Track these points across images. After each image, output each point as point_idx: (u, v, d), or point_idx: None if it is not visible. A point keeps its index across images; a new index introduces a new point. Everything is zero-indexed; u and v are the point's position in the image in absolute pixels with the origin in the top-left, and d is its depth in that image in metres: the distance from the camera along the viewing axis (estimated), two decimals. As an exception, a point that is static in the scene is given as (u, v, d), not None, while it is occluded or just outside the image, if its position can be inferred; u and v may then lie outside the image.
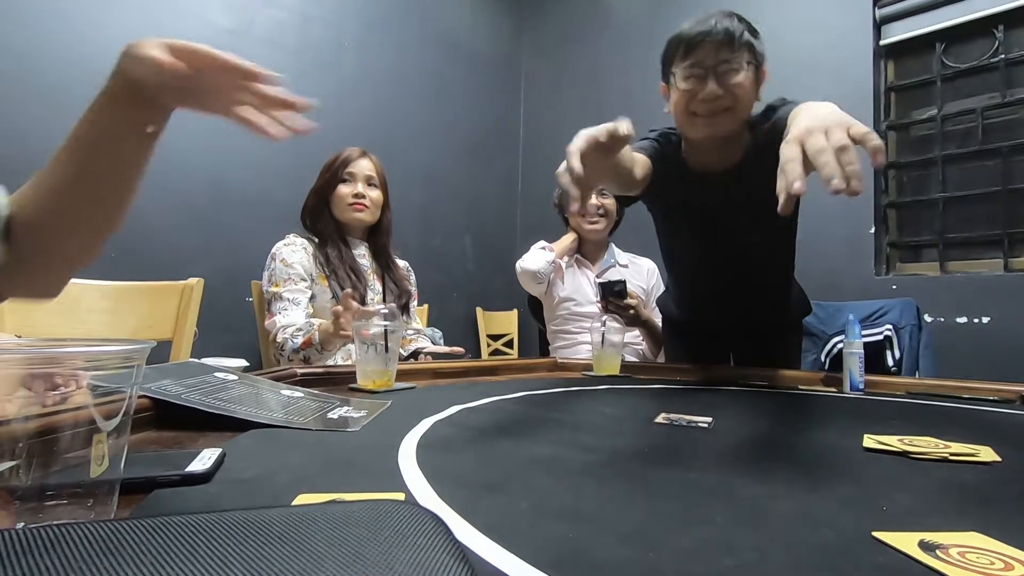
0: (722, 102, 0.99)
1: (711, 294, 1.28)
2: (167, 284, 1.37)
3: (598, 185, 0.78)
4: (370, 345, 0.89)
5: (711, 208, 1.12)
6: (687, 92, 1.01)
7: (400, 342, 1.18)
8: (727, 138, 1.05)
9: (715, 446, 0.54)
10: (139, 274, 1.43)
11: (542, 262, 1.73)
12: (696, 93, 1.00)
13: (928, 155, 2.33)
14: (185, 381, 0.64)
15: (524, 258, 1.77)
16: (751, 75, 1.00)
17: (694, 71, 0.99)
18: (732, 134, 1.04)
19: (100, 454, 0.30)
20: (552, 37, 3.47)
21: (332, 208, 1.47)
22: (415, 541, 0.23)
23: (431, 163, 2.97)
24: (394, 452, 0.48)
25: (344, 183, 1.46)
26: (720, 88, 0.98)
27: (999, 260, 2.15)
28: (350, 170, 1.46)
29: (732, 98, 0.99)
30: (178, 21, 2.09)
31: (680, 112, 1.04)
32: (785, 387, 1.02)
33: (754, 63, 1.00)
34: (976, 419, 0.74)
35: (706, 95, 0.98)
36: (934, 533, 0.31)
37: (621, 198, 1.45)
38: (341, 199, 1.45)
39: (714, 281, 1.25)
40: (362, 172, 1.47)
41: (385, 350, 0.89)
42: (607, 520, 0.33)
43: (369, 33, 2.72)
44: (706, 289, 1.29)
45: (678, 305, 1.41)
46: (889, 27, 2.39)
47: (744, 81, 0.98)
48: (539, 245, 1.80)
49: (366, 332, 0.89)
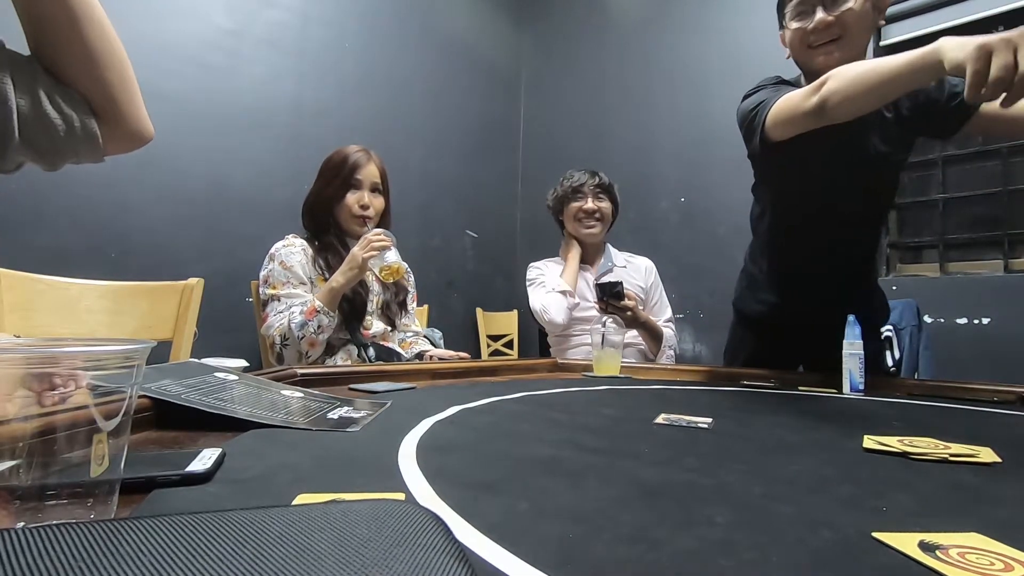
0: (832, 31, 1.02)
1: (803, 267, 1.26)
2: (167, 284, 1.37)
3: None
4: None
5: (847, 150, 1.11)
6: (799, 29, 1.05)
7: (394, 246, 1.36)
8: None
9: (715, 447, 0.54)
10: (139, 274, 1.43)
11: (565, 310, 1.68)
12: (807, 27, 1.04)
13: (928, 156, 2.33)
14: (185, 381, 0.64)
15: (547, 307, 1.69)
16: (862, 2, 1.02)
17: (803, 7, 1.04)
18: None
19: (100, 454, 0.30)
20: (552, 37, 3.47)
21: (336, 214, 1.45)
22: (415, 541, 0.23)
23: (431, 163, 2.97)
24: (394, 452, 0.48)
25: (351, 191, 1.44)
26: (829, 16, 1.01)
27: (999, 261, 2.15)
28: (358, 176, 1.44)
29: (841, 26, 1.01)
30: (178, 21, 2.09)
31: (797, 49, 1.08)
32: (785, 388, 1.02)
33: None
34: (976, 420, 0.74)
35: (816, 24, 1.02)
36: (934, 534, 0.31)
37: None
38: (347, 208, 1.43)
39: (822, 248, 1.22)
40: (368, 179, 1.45)
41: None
42: (607, 520, 0.33)
43: (369, 34, 2.72)
44: (810, 260, 1.25)
45: (766, 287, 1.33)
46: (889, 28, 2.39)
47: (854, 6, 1.00)
48: (554, 286, 1.71)
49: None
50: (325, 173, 1.47)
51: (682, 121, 2.85)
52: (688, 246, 2.75)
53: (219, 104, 2.17)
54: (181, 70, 2.09)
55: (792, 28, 1.06)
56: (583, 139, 3.22)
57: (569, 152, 3.20)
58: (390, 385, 0.92)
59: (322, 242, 1.44)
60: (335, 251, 1.42)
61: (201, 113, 2.12)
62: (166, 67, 2.06)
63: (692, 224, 2.77)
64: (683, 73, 2.86)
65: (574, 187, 1.76)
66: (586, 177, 1.77)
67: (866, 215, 1.20)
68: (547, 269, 1.84)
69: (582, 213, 1.76)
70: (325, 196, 1.45)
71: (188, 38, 2.12)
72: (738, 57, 2.62)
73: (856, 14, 1.01)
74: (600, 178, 1.78)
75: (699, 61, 2.79)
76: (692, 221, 2.78)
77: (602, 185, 1.78)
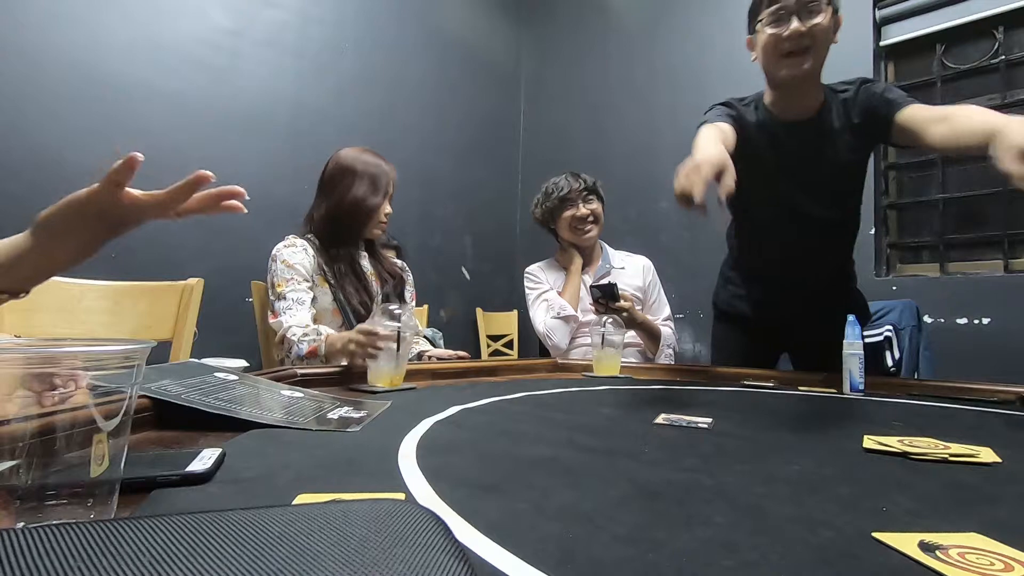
0: (804, 40, 1.08)
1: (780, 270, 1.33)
2: (167, 284, 1.37)
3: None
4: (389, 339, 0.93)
5: (798, 161, 1.20)
6: (774, 35, 1.11)
7: (410, 343, 1.17)
8: (807, 84, 1.14)
9: (715, 447, 0.54)
10: (139, 274, 1.43)
11: (568, 336, 1.69)
12: (782, 33, 1.09)
13: (928, 156, 2.33)
14: (185, 381, 0.64)
15: (551, 332, 1.69)
16: (829, 18, 1.09)
17: (779, 13, 1.10)
18: (812, 78, 1.14)
19: (100, 454, 0.30)
20: (552, 37, 3.47)
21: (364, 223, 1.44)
22: (415, 541, 0.23)
23: (430, 163, 2.97)
24: (394, 452, 0.48)
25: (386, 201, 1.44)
26: (803, 26, 1.08)
27: (999, 261, 2.14)
28: (390, 189, 1.45)
29: (811, 37, 1.08)
30: (178, 21, 2.09)
31: (769, 54, 1.13)
32: (785, 388, 1.02)
33: (832, 7, 1.10)
34: (976, 420, 0.74)
35: (792, 32, 1.08)
36: (934, 534, 0.31)
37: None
38: (377, 217, 1.44)
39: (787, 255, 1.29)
40: (391, 189, 1.46)
41: (397, 349, 0.93)
42: (607, 520, 0.33)
43: (369, 34, 2.72)
44: (776, 264, 1.33)
45: (743, 286, 1.42)
46: (889, 28, 2.39)
47: (823, 22, 1.08)
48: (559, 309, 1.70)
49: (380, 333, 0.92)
50: (363, 182, 1.42)
51: (682, 120, 2.84)
52: (688, 246, 2.75)
53: (219, 104, 2.17)
54: (181, 70, 2.09)
55: (767, 33, 1.11)
56: (583, 139, 3.21)
57: (569, 152, 3.20)
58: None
59: (337, 252, 1.42)
60: (348, 262, 1.42)
61: (201, 113, 2.12)
62: (166, 67, 2.06)
63: (692, 224, 2.77)
64: (683, 72, 2.85)
65: (561, 196, 1.75)
66: (571, 183, 1.76)
67: (830, 220, 1.24)
68: (544, 276, 1.82)
69: (576, 221, 1.75)
70: (369, 205, 1.42)
71: (188, 38, 2.12)
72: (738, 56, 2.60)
73: (824, 28, 1.08)
74: (584, 181, 1.77)
75: (699, 60, 2.79)
76: (692, 221, 2.78)
77: (588, 187, 1.77)
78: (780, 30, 1.09)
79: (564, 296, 1.75)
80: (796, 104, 1.18)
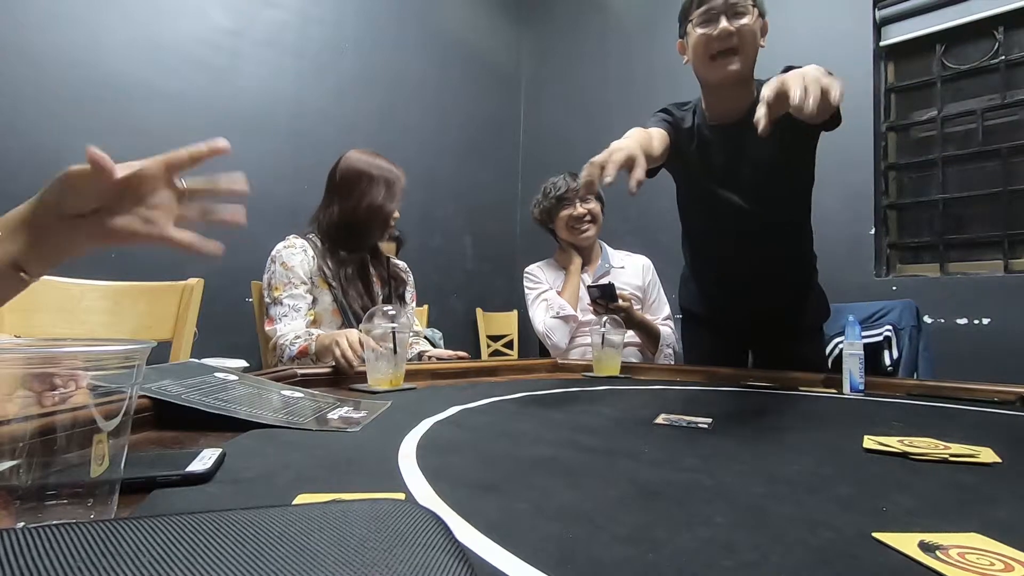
0: (732, 40, 1.10)
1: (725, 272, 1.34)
2: (167, 284, 1.37)
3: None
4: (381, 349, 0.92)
5: (724, 162, 1.21)
6: (704, 35, 1.13)
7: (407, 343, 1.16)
8: (738, 85, 1.16)
9: (715, 447, 0.54)
10: (139, 274, 1.43)
11: (568, 336, 1.69)
12: (712, 33, 1.12)
13: (928, 156, 2.33)
14: (185, 381, 0.64)
15: (550, 331, 1.69)
16: (756, 19, 1.12)
17: (708, 14, 1.12)
18: (743, 80, 1.15)
19: (100, 454, 0.30)
20: (552, 37, 3.47)
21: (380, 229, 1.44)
22: (415, 541, 0.23)
23: (430, 163, 2.97)
24: (394, 452, 0.48)
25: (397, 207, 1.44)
26: (731, 26, 1.10)
27: (999, 261, 2.15)
28: (400, 195, 1.44)
29: (740, 37, 1.10)
30: (178, 21, 2.09)
31: (699, 55, 1.16)
32: (785, 388, 1.02)
33: (758, 10, 1.13)
34: (976, 420, 0.74)
35: (720, 32, 1.10)
36: (934, 534, 0.31)
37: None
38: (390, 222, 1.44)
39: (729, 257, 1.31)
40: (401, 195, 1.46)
41: (394, 351, 0.91)
42: (607, 520, 0.33)
43: (369, 34, 2.72)
44: (720, 266, 1.35)
45: (698, 288, 1.45)
46: (889, 28, 2.39)
47: (751, 23, 1.11)
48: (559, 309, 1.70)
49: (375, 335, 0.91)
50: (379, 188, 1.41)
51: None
52: (688, 246, 2.75)
53: (219, 104, 2.17)
54: (181, 70, 2.09)
55: (697, 34, 1.14)
56: (583, 139, 3.21)
57: (569, 152, 3.19)
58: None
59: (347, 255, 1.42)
60: (358, 266, 1.42)
61: (201, 113, 2.12)
62: (166, 67, 2.06)
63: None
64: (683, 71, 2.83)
65: (559, 196, 1.75)
66: (569, 182, 1.76)
67: (770, 223, 1.23)
68: (544, 276, 1.82)
69: (573, 220, 1.75)
70: (386, 212, 1.42)
71: (188, 38, 2.12)
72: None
73: (751, 29, 1.11)
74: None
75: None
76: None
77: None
78: (709, 30, 1.12)
79: (563, 296, 1.75)
80: (727, 106, 1.19)
